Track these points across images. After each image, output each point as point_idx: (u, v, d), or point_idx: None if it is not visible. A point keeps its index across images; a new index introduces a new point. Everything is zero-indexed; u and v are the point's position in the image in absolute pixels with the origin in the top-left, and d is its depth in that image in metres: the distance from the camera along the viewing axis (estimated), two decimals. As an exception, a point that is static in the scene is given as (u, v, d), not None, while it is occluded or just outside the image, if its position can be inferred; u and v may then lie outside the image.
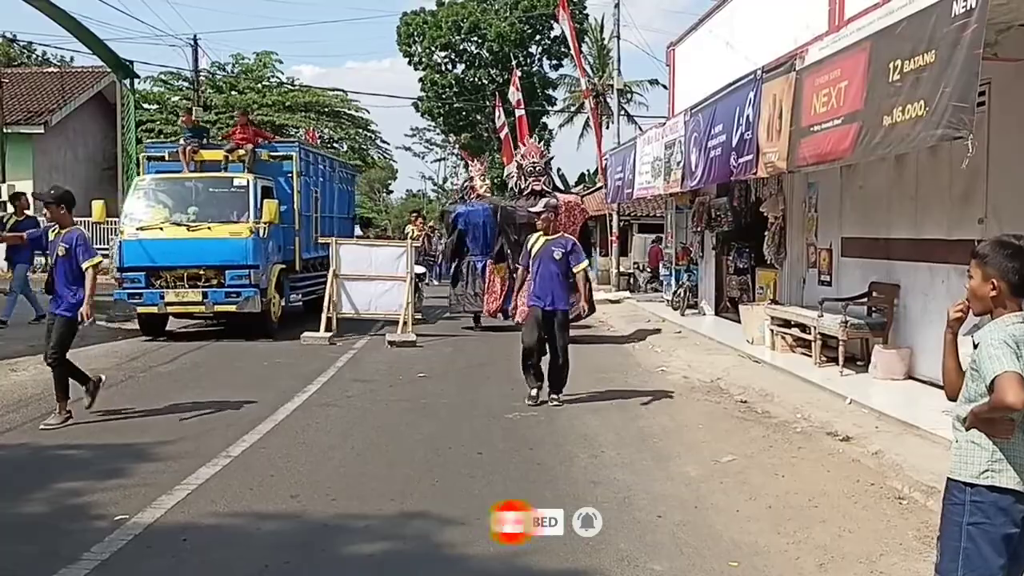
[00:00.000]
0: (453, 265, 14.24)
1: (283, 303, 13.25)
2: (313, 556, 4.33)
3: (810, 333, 9.48)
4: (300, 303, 15.09)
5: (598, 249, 25.00)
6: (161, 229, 12.08)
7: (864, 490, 5.44)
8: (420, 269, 15.74)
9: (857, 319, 8.85)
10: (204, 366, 10.47)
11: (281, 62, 31.16)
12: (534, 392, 7.95)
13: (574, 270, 7.90)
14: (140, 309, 12.15)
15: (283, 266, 13.14)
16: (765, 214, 11.80)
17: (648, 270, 22.24)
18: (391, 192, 71.15)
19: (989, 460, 2.76)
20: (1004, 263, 2.76)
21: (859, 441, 6.51)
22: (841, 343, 8.72)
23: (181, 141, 13.72)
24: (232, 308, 11.91)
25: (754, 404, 8.07)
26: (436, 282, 20.24)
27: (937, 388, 7.63)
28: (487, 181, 15.79)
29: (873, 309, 9.08)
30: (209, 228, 12.00)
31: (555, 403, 7.85)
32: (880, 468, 5.84)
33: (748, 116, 9.09)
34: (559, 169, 43.03)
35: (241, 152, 13.33)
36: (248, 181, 12.45)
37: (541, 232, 8.02)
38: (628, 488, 5.49)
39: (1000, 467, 2.75)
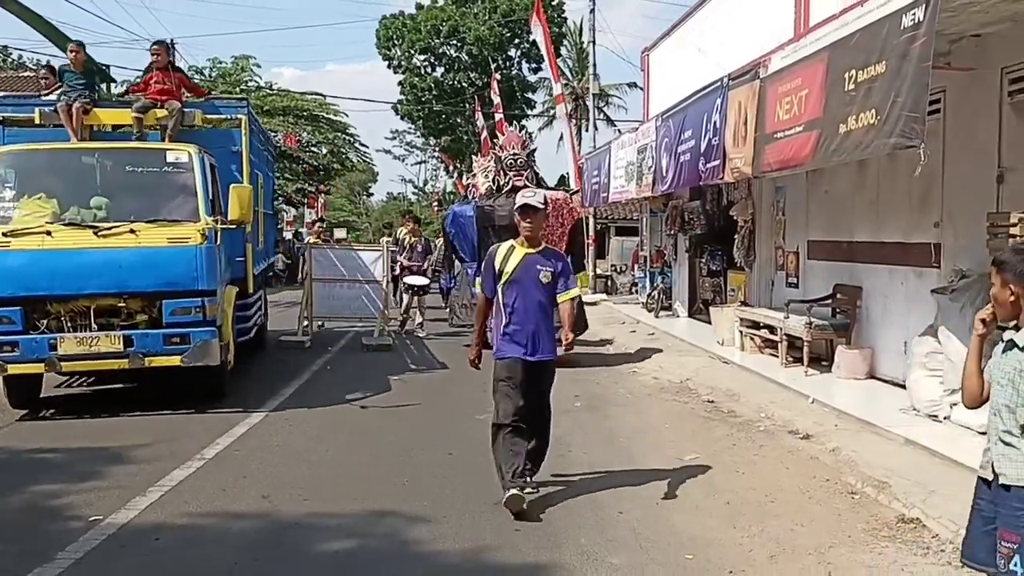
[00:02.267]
0: (452, 274, 13.66)
1: (231, 343, 8.60)
2: (282, 554, 4.46)
3: (777, 334, 9.69)
4: (250, 337, 10.34)
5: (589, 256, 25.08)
6: (48, 235, 7.42)
7: (819, 486, 5.63)
8: (421, 280, 14.30)
9: (821, 320, 9.07)
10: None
11: (259, 66, 31.06)
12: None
13: (560, 300, 5.34)
14: (12, 368, 7.38)
15: (236, 288, 9.09)
16: (735, 218, 12.02)
17: (631, 273, 22.47)
18: (371, 195, 71.16)
19: None
20: (1022, 269, 2.90)
21: (818, 439, 6.71)
22: (806, 344, 8.93)
23: (60, 96, 8.64)
24: (175, 361, 7.54)
25: (720, 404, 8.26)
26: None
27: (897, 387, 7.91)
28: (490, 178, 12.38)
29: (837, 310, 9.30)
30: (133, 232, 7.50)
31: (531, 492, 5.17)
32: (836, 464, 6.04)
33: (715, 122, 9.28)
34: (538, 173, 43.24)
35: (162, 112, 8.72)
36: (191, 155, 8.03)
37: (521, 240, 5.33)
38: (592, 486, 5.66)
39: None
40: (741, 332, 10.81)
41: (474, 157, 12.80)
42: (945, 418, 6.70)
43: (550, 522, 4.93)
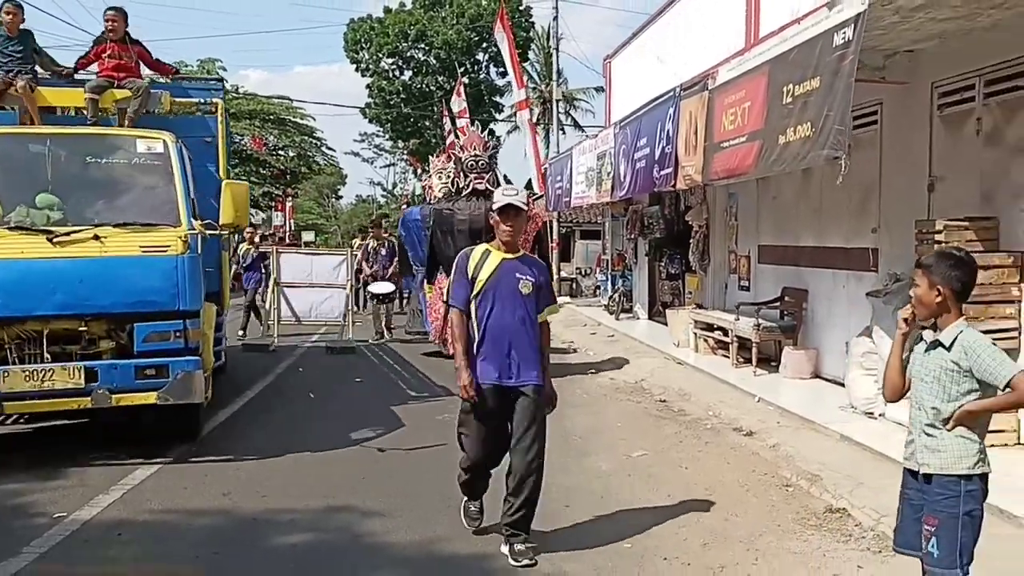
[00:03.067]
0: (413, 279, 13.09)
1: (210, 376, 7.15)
2: (241, 547, 4.66)
3: (728, 336, 10.03)
4: (223, 360, 9.24)
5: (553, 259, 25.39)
6: None
7: (757, 479, 5.94)
8: (385, 288, 14.10)
9: (769, 322, 9.42)
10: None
11: (225, 69, 31.04)
12: (477, 523, 4.88)
13: (540, 318, 4.59)
14: None
15: (214, 306, 7.76)
16: (690, 223, 12.37)
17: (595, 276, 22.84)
18: (340, 198, 71.09)
19: (978, 452, 3.08)
20: (948, 272, 3.11)
21: (760, 435, 7.03)
22: (754, 345, 9.27)
23: None
24: (149, 399, 6.17)
25: (672, 403, 8.57)
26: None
27: (839, 386, 8.26)
28: (444, 180, 11.75)
29: (785, 313, 9.66)
30: (98, 239, 6.12)
31: (528, 560, 4.39)
32: (775, 459, 6.36)
33: (668, 131, 9.60)
34: (505, 176, 43.55)
35: (122, 93, 7.30)
36: (168, 145, 6.68)
37: (498, 244, 4.57)
38: (543, 482, 5.90)
39: (985, 456, 3.10)
40: (695, 334, 11.14)
41: (431, 158, 12.20)
42: (880, 415, 7.05)
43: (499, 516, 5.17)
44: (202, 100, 8.36)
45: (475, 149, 10.71)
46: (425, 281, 10.89)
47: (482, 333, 4.45)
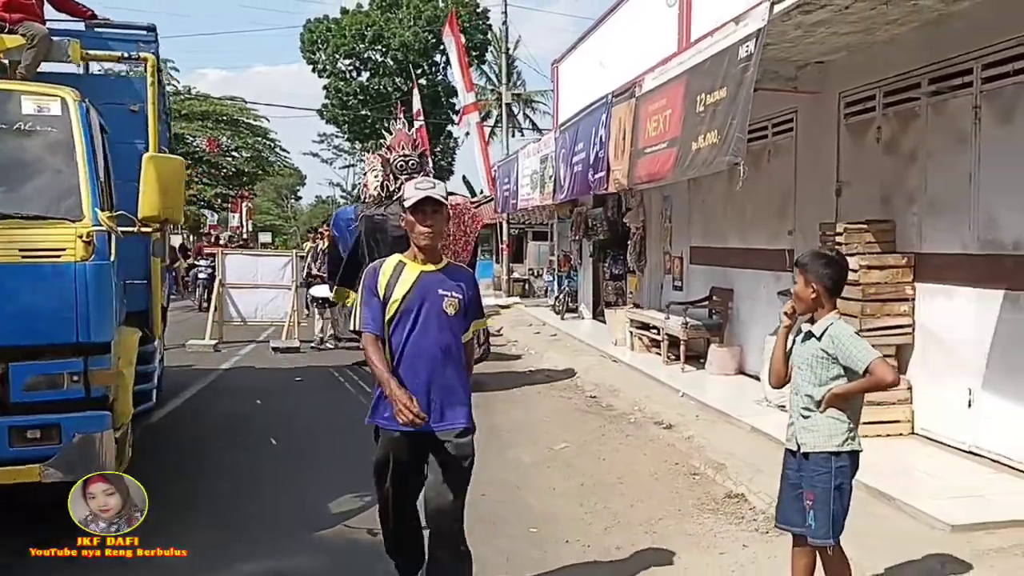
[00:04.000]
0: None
1: (129, 432, 5.11)
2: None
3: (660, 334, 10.38)
4: (151, 403, 6.54)
5: (495, 256, 25.74)
6: None
7: (668, 469, 6.25)
8: (326, 291, 11.77)
9: (697, 321, 9.78)
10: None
11: (177, 70, 30.87)
12: None
13: (465, 337, 3.76)
14: None
15: (138, 332, 5.79)
16: (628, 224, 12.73)
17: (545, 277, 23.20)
18: (300, 199, 70.81)
19: (848, 431, 3.39)
20: (821, 270, 3.45)
21: (679, 428, 7.36)
22: (682, 342, 9.63)
23: None
24: (31, 475, 4.27)
25: (601, 399, 8.88)
26: None
27: (759, 381, 8.62)
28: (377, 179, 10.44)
29: (713, 311, 10.03)
30: None
31: None
32: (688, 450, 6.68)
33: (601, 136, 9.92)
34: (464, 176, 43.84)
35: (14, 40, 5.57)
36: (68, 105, 4.78)
37: (414, 253, 3.70)
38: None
39: (855, 434, 3.42)
40: (631, 333, 11.48)
41: (367, 156, 11.28)
42: (791, 408, 7.42)
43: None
44: (127, 54, 6.33)
45: (403, 148, 9.54)
46: (337, 287, 9.83)
47: (395, 364, 3.55)
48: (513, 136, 34.23)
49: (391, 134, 9.70)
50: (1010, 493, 5.18)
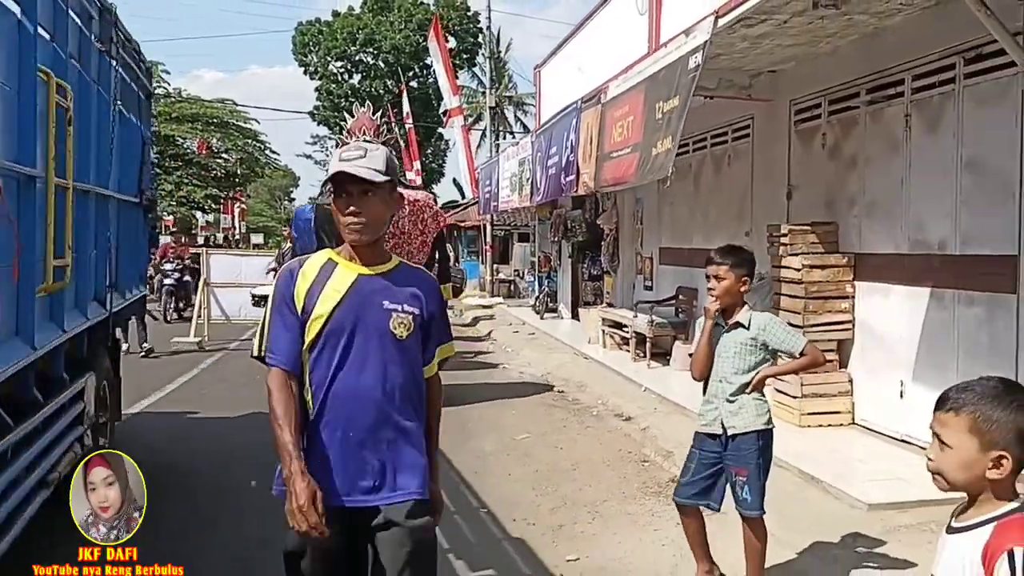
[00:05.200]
0: None
1: None
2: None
3: (629, 332, 10.74)
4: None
5: (480, 257, 26.08)
6: None
7: (621, 456, 6.62)
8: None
9: (663, 319, 10.15)
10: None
11: (168, 72, 31.15)
12: None
13: (427, 372, 2.55)
14: None
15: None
16: (602, 226, 13.09)
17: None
18: (293, 200, 71.04)
19: (767, 411, 3.78)
20: (748, 266, 3.85)
21: (637, 420, 7.72)
22: (648, 340, 9.98)
23: None
24: None
25: (568, 393, 9.25)
26: None
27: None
28: None
29: (679, 310, 10.40)
30: None
31: None
32: (642, 439, 7.05)
33: (572, 140, 10.27)
34: (454, 179, 44.21)
35: None
36: None
37: (349, 252, 2.49)
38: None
39: (770, 413, 3.81)
40: (604, 331, 11.84)
41: (334, 149, 9.82)
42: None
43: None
44: None
45: (364, 134, 8.24)
46: None
47: (318, 410, 2.42)
48: (504, 138, 34.61)
49: (353, 117, 8.68)
50: (928, 476, 5.53)
